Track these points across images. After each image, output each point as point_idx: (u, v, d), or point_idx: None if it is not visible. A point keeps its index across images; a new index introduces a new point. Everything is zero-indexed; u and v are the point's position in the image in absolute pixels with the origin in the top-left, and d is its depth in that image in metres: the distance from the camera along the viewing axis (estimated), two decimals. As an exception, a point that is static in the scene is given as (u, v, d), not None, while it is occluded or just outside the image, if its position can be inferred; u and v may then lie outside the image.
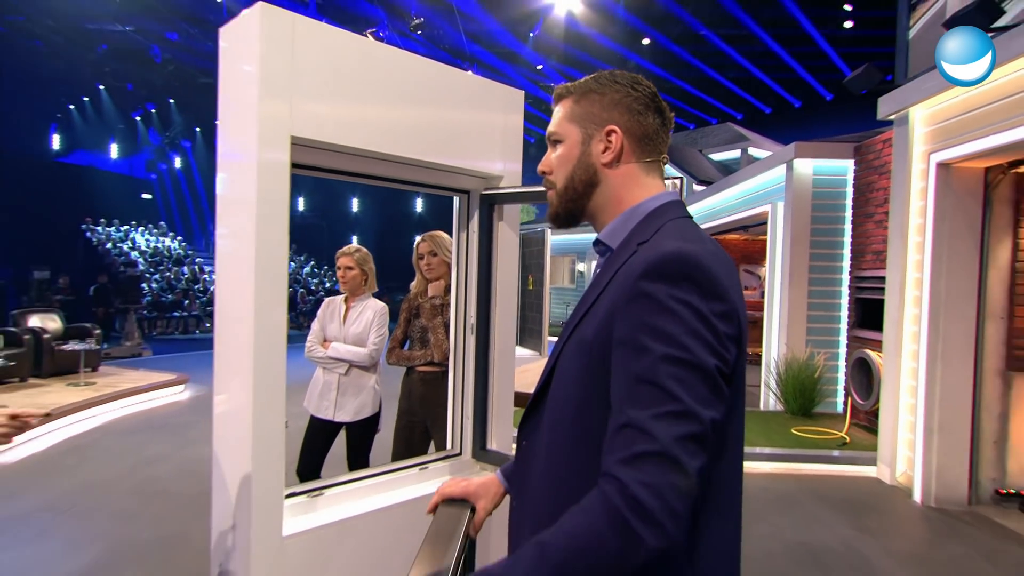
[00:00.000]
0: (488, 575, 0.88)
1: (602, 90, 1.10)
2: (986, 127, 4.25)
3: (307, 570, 2.05)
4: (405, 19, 14.87)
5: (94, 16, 14.58)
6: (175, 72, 19.05)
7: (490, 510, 1.35)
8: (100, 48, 16.77)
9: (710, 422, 0.84)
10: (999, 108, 4.14)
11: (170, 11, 14.63)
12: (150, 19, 15.00)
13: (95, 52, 16.95)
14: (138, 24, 15.34)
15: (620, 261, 1.01)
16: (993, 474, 4.71)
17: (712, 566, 0.98)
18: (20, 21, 14.94)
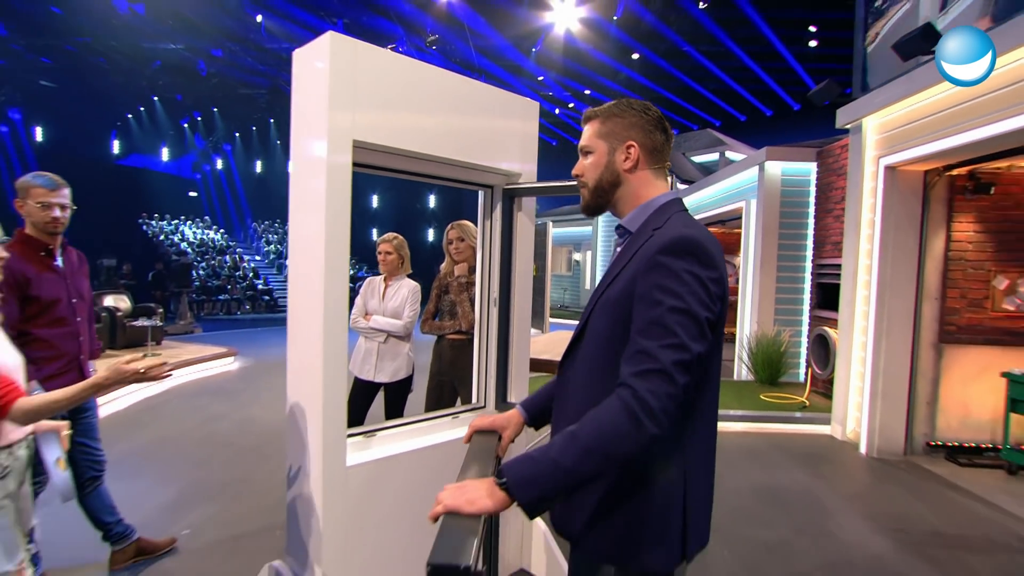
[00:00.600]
0: (529, 458, 1.07)
1: (622, 114, 1.29)
2: (924, 136, 4.33)
3: (365, 493, 2.23)
4: (422, 35, 14.84)
5: (149, 36, 14.57)
6: (218, 84, 19.00)
7: (512, 437, 1.53)
8: (154, 64, 16.72)
9: (697, 354, 1.07)
10: (936, 120, 4.22)
11: (215, 31, 14.63)
12: (197, 38, 14.99)
13: (150, 68, 16.91)
14: (187, 42, 15.33)
15: (640, 242, 1.22)
16: (925, 430, 4.87)
17: (696, 454, 1.23)
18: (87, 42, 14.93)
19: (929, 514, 3.73)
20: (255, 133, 25.83)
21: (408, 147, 2.23)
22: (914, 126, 4.47)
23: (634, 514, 1.18)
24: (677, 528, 1.19)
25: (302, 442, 2.19)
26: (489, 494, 1.05)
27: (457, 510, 1.04)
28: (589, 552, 1.25)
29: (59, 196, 2.50)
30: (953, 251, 4.80)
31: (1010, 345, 4.73)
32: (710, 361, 1.17)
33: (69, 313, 2.54)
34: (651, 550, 1.18)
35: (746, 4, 12.47)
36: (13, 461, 1.67)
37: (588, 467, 1.04)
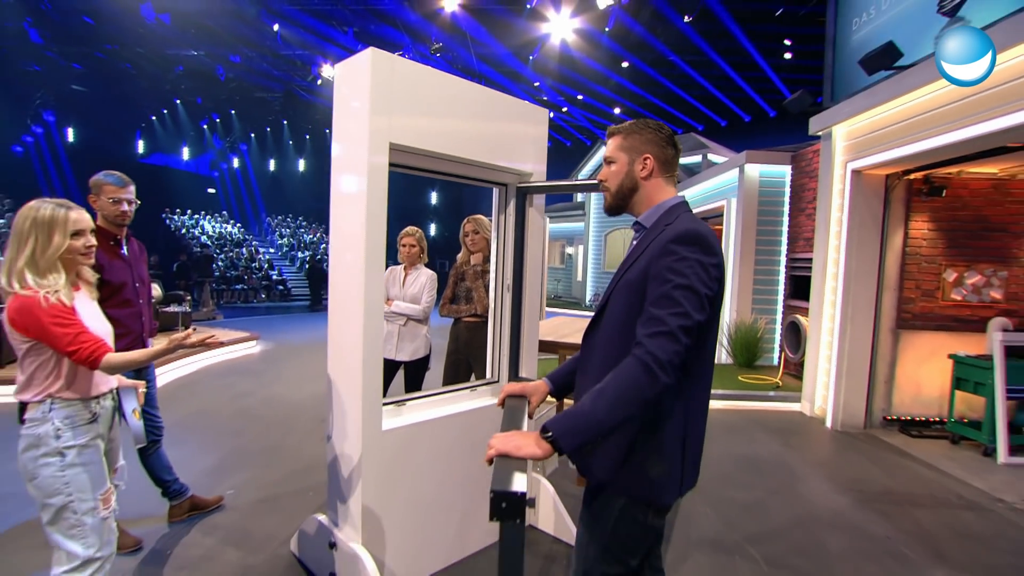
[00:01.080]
0: (567, 414, 1.23)
1: (641, 132, 1.46)
2: (886, 144, 4.48)
3: (397, 453, 2.39)
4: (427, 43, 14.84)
5: (173, 44, 14.50)
6: (236, 88, 18.90)
7: (538, 403, 1.69)
8: (177, 69, 16.63)
9: (697, 321, 1.25)
10: (896, 129, 4.37)
11: (233, 38, 14.57)
12: (217, 45, 14.92)
13: (172, 72, 16.81)
14: (207, 49, 15.25)
15: (653, 235, 1.40)
16: (883, 405, 5.07)
17: (695, 406, 1.40)
18: (115, 48, 14.86)
19: (883, 477, 3.94)
20: (269, 134, 25.70)
21: (436, 149, 2.36)
22: (877, 134, 4.62)
23: (645, 455, 1.35)
24: (678, 467, 1.36)
25: (343, 410, 2.34)
26: (536, 444, 1.21)
27: (508, 454, 1.20)
28: (606, 487, 1.41)
29: (127, 192, 2.63)
30: (910, 247, 4.97)
31: (957, 331, 4.93)
32: (708, 329, 1.34)
33: (134, 296, 2.67)
34: (656, 483, 1.35)
35: (727, 19, 12.57)
36: (101, 408, 1.85)
37: (617, 415, 1.21)
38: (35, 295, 1.68)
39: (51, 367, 1.74)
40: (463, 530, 2.69)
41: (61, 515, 1.72)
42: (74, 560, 1.72)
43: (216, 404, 5.38)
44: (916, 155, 4.21)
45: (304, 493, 3.40)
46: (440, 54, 15.06)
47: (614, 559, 1.43)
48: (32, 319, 1.67)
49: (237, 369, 7.16)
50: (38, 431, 1.71)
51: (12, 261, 1.71)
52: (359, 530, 2.26)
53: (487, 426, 2.71)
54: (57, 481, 1.71)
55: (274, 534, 2.89)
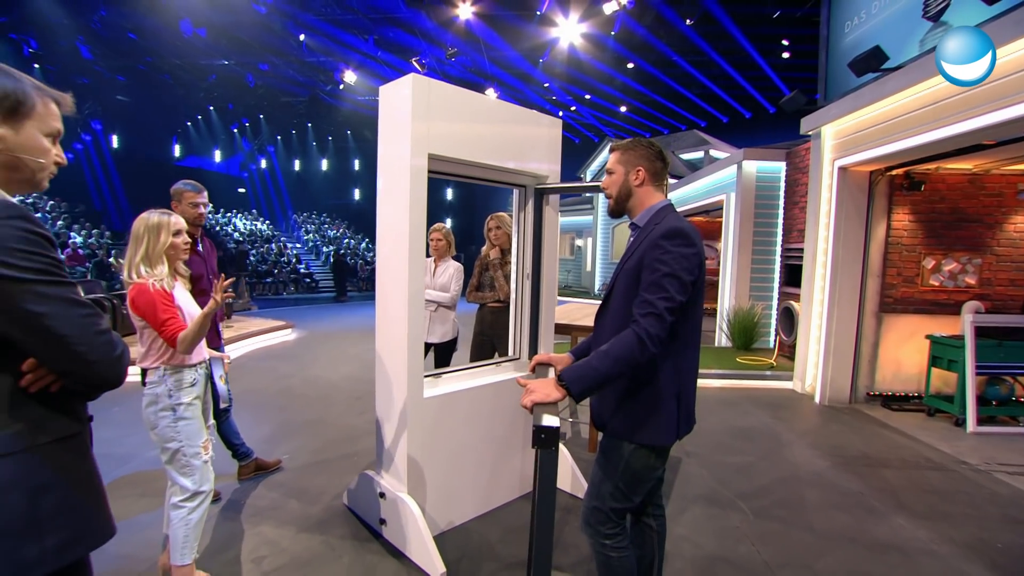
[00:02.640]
0: (578, 366, 1.52)
1: (635, 149, 1.72)
2: (870, 143, 4.65)
3: (436, 417, 2.67)
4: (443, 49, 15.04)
5: (206, 54, 14.88)
6: (264, 93, 19.28)
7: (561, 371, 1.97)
8: (210, 78, 17.02)
9: (680, 302, 1.52)
10: (878, 130, 4.55)
11: (262, 48, 14.89)
12: (247, 54, 15.27)
13: (206, 81, 17.22)
14: (238, 59, 15.61)
15: (646, 233, 1.67)
16: (867, 382, 5.28)
17: (686, 362, 1.69)
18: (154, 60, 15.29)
19: (861, 444, 4.18)
20: (295, 136, 26.06)
21: (466, 157, 2.61)
22: (862, 134, 4.79)
23: (645, 403, 1.63)
24: (673, 414, 1.64)
25: (389, 381, 2.62)
26: (556, 388, 1.50)
27: (541, 400, 1.49)
28: (614, 433, 1.70)
29: (202, 197, 2.94)
30: (892, 237, 5.15)
31: (934, 313, 5.13)
32: (693, 304, 1.62)
33: (208, 286, 2.99)
34: (656, 428, 1.63)
35: (727, 21, 12.63)
36: (198, 375, 2.17)
37: (615, 371, 1.50)
38: (146, 282, 2.01)
39: (163, 341, 2.06)
40: (491, 484, 2.99)
41: (175, 457, 2.05)
42: (186, 492, 2.06)
43: (262, 384, 5.72)
44: (897, 153, 4.38)
45: (348, 457, 3.72)
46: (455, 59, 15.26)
47: (622, 495, 1.71)
48: (144, 301, 1.99)
49: (277, 354, 7.50)
50: (156, 391, 2.04)
51: (131, 257, 2.04)
52: (404, 482, 2.56)
53: (510, 396, 3.00)
54: (171, 430, 2.04)
55: (326, 490, 3.21)
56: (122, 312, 7.26)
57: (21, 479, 0.95)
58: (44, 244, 0.96)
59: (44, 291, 0.93)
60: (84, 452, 1.07)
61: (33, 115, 1.03)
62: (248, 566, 2.42)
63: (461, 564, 2.45)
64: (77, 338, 0.97)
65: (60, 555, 0.98)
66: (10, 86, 0.99)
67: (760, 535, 2.78)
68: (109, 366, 1.01)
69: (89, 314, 1.00)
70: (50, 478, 0.99)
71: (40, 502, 0.97)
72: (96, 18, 13.05)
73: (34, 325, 0.93)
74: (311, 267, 20.30)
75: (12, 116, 1.00)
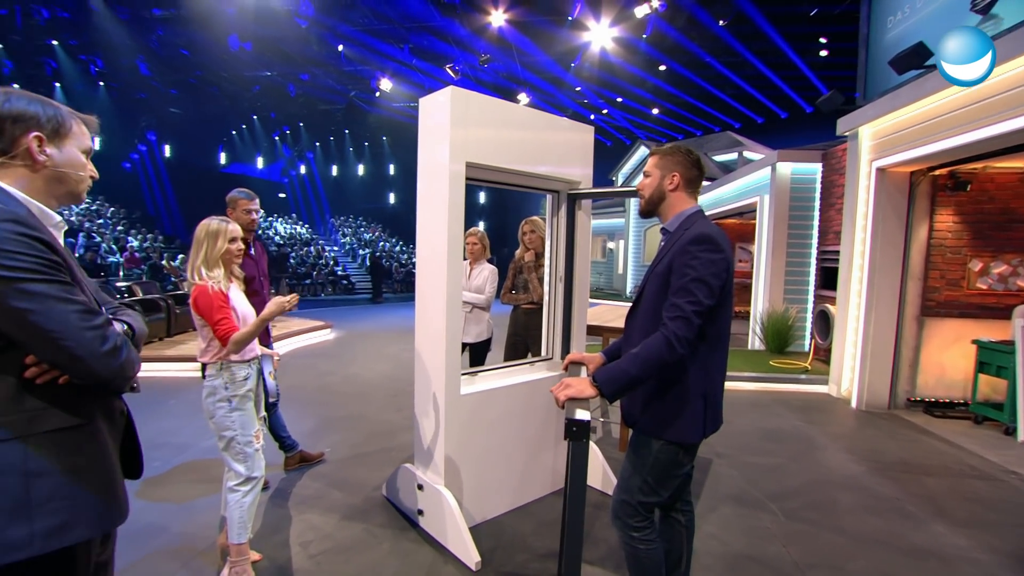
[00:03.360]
0: (609, 367, 1.58)
1: (673, 154, 1.79)
2: (911, 143, 4.53)
3: (472, 413, 2.75)
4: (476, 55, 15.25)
5: (251, 66, 15.54)
6: (304, 103, 19.90)
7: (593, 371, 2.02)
8: (254, 89, 17.74)
9: (707, 306, 1.57)
10: (920, 129, 4.43)
11: (302, 59, 15.42)
12: (289, 65, 15.85)
13: (251, 92, 17.96)
14: (280, 70, 16.21)
15: (676, 237, 1.72)
16: (907, 388, 5.11)
17: (714, 363, 1.72)
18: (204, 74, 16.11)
19: (899, 450, 4.06)
20: (332, 143, 26.79)
21: (502, 164, 2.70)
22: (901, 134, 4.67)
23: (673, 402, 1.69)
24: (700, 413, 1.69)
25: (428, 378, 2.72)
26: (589, 386, 1.58)
27: (574, 395, 1.56)
28: (643, 430, 1.75)
29: (255, 204, 3.14)
30: (935, 239, 4.99)
31: (981, 318, 4.94)
32: (721, 308, 1.66)
33: (260, 287, 3.18)
34: (684, 426, 1.68)
35: (762, 20, 12.39)
36: (251, 370, 2.32)
37: (645, 372, 1.56)
38: (206, 284, 2.18)
39: (221, 339, 2.22)
40: (524, 479, 3.07)
41: (231, 444, 2.21)
42: (240, 477, 2.22)
43: (304, 381, 5.94)
44: (940, 152, 4.24)
45: (387, 451, 3.87)
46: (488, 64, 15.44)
47: (650, 490, 1.76)
48: (203, 301, 2.16)
49: (317, 353, 7.77)
50: (214, 383, 2.21)
51: (193, 260, 2.22)
52: (442, 475, 2.66)
53: (543, 395, 3.08)
54: (227, 419, 2.21)
55: (366, 481, 3.35)
56: (175, 312, 7.67)
57: (17, 464, 1.00)
58: (35, 245, 1.00)
59: (30, 288, 0.98)
60: (85, 443, 1.10)
61: (71, 135, 1.15)
62: (296, 548, 2.58)
63: (495, 554, 2.54)
64: (62, 333, 1.00)
65: (49, 539, 1.01)
66: (51, 112, 1.12)
67: (789, 535, 2.77)
68: (98, 360, 1.04)
69: (78, 310, 1.03)
70: (46, 466, 1.03)
71: (34, 487, 1.01)
72: (154, 37, 13.85)
73: (21, 321, 0.98)
74: (348, 269, 20.82)
75: (55, 137, 1.12)
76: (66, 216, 14.97)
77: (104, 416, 1.16)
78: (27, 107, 1.09)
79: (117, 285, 8.70)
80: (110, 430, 1.18)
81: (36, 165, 1.10)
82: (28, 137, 1.08)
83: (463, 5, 12.64)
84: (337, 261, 21.11)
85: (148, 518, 2.84)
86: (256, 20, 12.50)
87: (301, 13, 12.17)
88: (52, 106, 1.14)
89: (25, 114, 1.08)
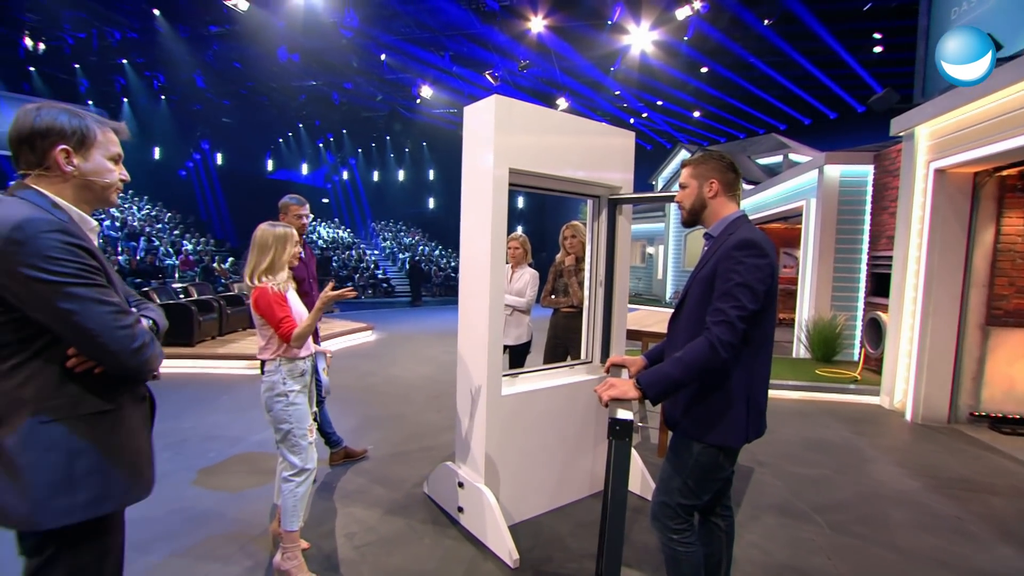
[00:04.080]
0: (653, 371, 1.61)
1: (707, 162, 1.80)
2: (974, 142, 4.32)
3: (512, 414, 2.80)
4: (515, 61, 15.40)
5: (298, 77, 16.24)
6: (347, 110, 20.52)
7: (635, 373, 2.03)
8: (300, 98, 18.49)
9: (752, 311, 1.58)
10: (985, 127, 4.22)
11: (347, 68, 15.95)
12: (333, 75, 16.43)
13: (297, 101, 18.72)
14: (324, 79, 16.82)
15: (720, 243, 1.73)
16: (970, 401, 4.84)
17: (757, 367, 1.72)
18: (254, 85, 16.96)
19: (960, 467, 3.85)
20: (374, 149, 27.52)
21: (544, 170, 2.75)
22: (963, 133, 4.46)
23: (716, 405, 1.69)
24: (743, 417, 1.69)
25: (470, 378, 2.79)
26: (633, 388, 1.61)
27: (618, 396, 1.60)
28: (685, 433, 1.76)
29: (306, 209, 3.30)
30: (1003, 243, 4.72)
31: (1054, 328, 4.63)
32: (765, 312, 1.66)
33: (310, 288, 3.34)
34: (726, 430, 1.69)
35: (809, 18, 12.02)
36: (306, 366, 2.45)
37: (688, 377, 1.58)
38: (267, 286, 2.31)
39: (278, 337, 2.36)
40: (562, 481, 3.10)
41: (287, 437, 2.34)
42: (294, 468, 2.34)
43: (347, 381, 6.11)
44: (1009, 152, 4.01)
45: (427, 450, 3.96)
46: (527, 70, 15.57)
47: (690, 492, 1.77)
48: (264, 302, 2.29)
49: (359, 354, 7.97)
50: (272, 379, 2.35)
51: (256, 264, 2.35)
52: (482, 473, 2.72)
53: (582, 397, 3.11)
54: (283, 413, 2.34)
55: (407, 478, 3.45)
56: (226, 312, 8.06)
57: (63, 442, 1.16)
58: (78, 252, 1.13)
59: (74, 292, 1.11)
60: (116, 426, 1.24)
61: (96, 144, 1.25)
62: (341, 540, 2.69)
63: (533, 553, 2.58)
64: (99, 331, 1.14)
65: (88, 508, 1.18)
66: (76, 123, 1.22)
67: (836, 549, 2.70)
68: (129, 355, 1.18)
69: (113, 312, 1.17)
70: (85, 445, 1.18)
71: (75, 463, 1.17)
72: (210, 52, 14.68)
73: (66, 320, 1.12)
74: (388, 273, 21.27)
75: (81, 147, 1.23)
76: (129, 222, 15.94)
77: (132, 402, 1.30)
78: (54, 121, 1.20)
79: (173, 286, 9.18)
80: (139, 415, 1.33)
81: (66, 175, 1.22)
82: (56, 150, 1.20)
83: (503, 12, 12.81)
84: (378, 265, 21.60)
85: (206, 504, 3.02)
86: (304, 32, 13.03)
87: (346, 24, 12.61)
88: (78, 117, 1.23)
89: (52, 128, 1.19)
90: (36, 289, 1.09)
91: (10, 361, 1.14)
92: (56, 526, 1.15)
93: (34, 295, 1.10)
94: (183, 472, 3.46)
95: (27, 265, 1.08)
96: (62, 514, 1.15)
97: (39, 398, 1.15)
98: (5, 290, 1.10)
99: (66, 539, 1.19)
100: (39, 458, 1.14)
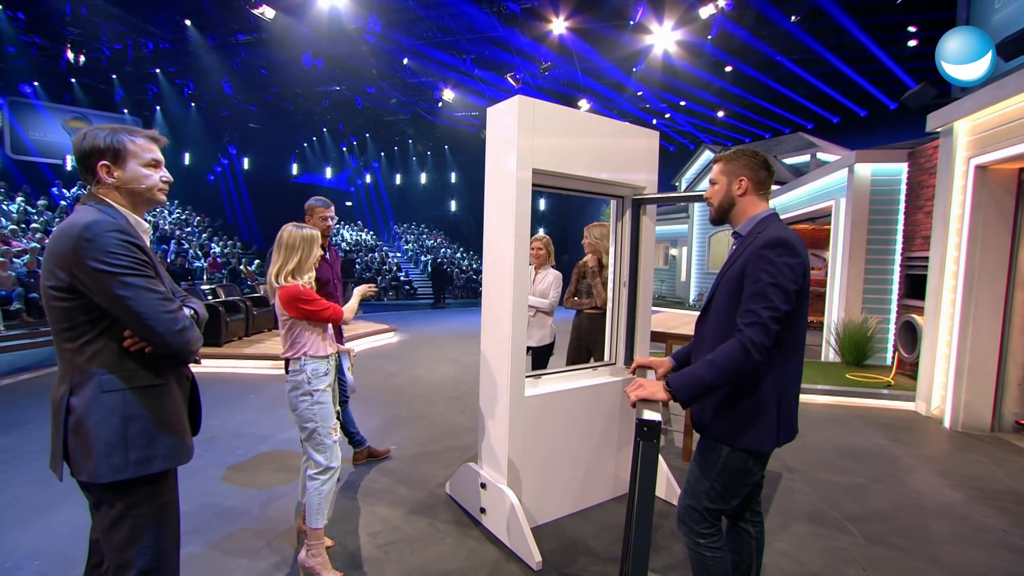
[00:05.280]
0: (683, 374, 1.57)
1: (738, 159, 1.76)
2: (1019, 136, 4.13)
3: (535, 415, 2.79)
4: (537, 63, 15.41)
5: (323, 82, 16.52)
6: (370, 114, 20.81)
7: (662, 375, 1.99)
8: (324, 102, 18.79)
9: (784, 311, 1.53)
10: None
11: (370, 73, 16.16)
12: (356, 79, 16.65)
13: (321, 105, 19.04)
14: (348, 84, 17.07)
15: (749, 241, 1.69)
16: (1015, 409, 4.63)
17: (789, 371, 1.67)
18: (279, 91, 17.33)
19: (1009, 478, 3.67)
20: (397, 152, 27.81)
21: (567, 171, 2.73)
22: (1008, 127, 4.28)
23: (746, 409, 1.65)
24: (774, 421, 1.64)
25: (494, 379, 2.78)
26: (662, 390, 1.58)
27: (646, 397, 1.57)
28: (714, 437, 1.72)
29: (331, 211, 3.34)
30: (1048, 243, 4.50)
31: (1103, 331, 4.41)
32: (797, 313, 1.62)
33: (334, 289, 3.38)
34: (757, 434, 1.64)
35: (839, 14, 11.73)
36: (330, 366, 2.47)
37: (720, 379, 1.54)
38: (296, 285, 2.34)
39: (304, 336, 2.39)
40: (585, 483, 3.07)
41: (312, 436, 2.37)
42: (319, 466, 2.36)
43: (371, 382, 6.19)
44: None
45: (450, 451, 3.97)
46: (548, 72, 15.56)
47: (718, 496, 1.73)
48: (296, 301, 2.32)
49: (382, 355, 8.07)
50: (297, 378, 2.37)
51: (283, 265, 2.39)
52: (505, 474, 2.71)
53: (606, 399, 3.07)
54: (308, 412, 2.36)
55: (430, 479, 3.46)
56: (253, 313, 8.22)
57: (119, 409, 1.37)
58: (133, 249, 1.35)
59: (128, 281, 1.33)
60: (164, 398, 1.45)
61: (129, 155, 1.44)
62: (365, 538, 2.70)
63: (555, 556, 2.56)
64: (148, 314, 1.35)
65: (139, 466, 1.38)
66: (109, 140, 1.41)
67: (872, 560, 2.60)
68: (173, 336, 1.39)
69: (160, 298, 1.38)
70: (138, 412, 1.40)
71: (129, 427, 1.38)
72: (237, 60, 15.06)
73: (121, 304, 1.33)
74: (410, 275, 21.46)
75: (117, 160, 1.42)
76: (160, 225, 16.42)
77: (176, 380, 1.51)
78: (93, 142, 1.41)
79: (202, 288, 9.41)
80: (180, 391, 1.53)
81: (111, 185, 1.43)
82: (98, 166, 1.42)
83: (524, 14, 12.82)
84: (400, 267, 21.81)
85: (234, 500, 3.07)
86: (328, 38, 13.26)
87: (369, 29, 12.78)
88: (111, 133, 1.43)
89: (93, 148, 1.41)
90: (99, 278, 1.31)
91: (82, 339, 1.37)
92: (112, 480, 1.36)
93: (97, 283, 1.32)
94: (213, 468, 3.53)
95: (93, 258, 1.30)
96: (116, 469, 1.36)
97: (103, 371, 1.37)
98: (76, 279, 1.32)
99: (125, 494, 1.39)
100: (100, 420, 1.36)
